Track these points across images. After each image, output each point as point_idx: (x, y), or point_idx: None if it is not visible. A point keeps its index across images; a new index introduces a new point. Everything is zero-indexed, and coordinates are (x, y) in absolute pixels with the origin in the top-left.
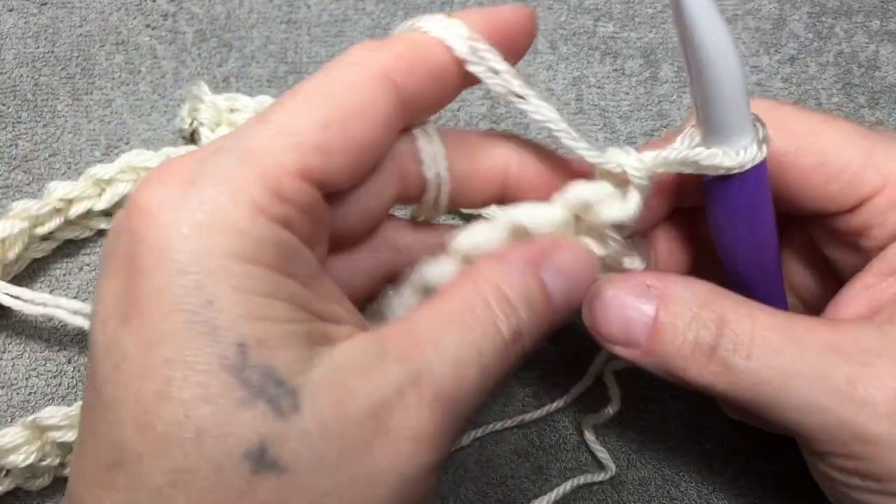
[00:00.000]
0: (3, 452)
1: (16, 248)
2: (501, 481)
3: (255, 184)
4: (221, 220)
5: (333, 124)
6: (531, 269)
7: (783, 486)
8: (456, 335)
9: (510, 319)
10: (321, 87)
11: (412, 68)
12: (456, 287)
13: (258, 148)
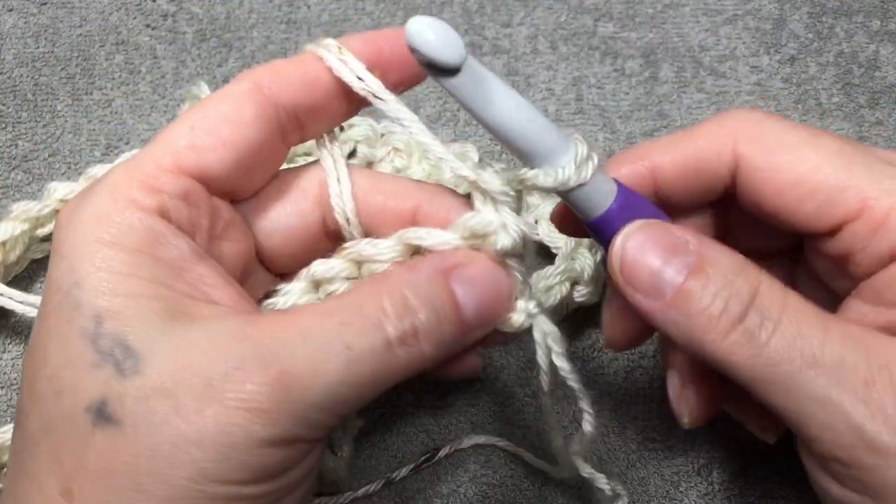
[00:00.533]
0: (4, 449)
1: (17, 249)
2: (501, 482)
3: (131, 184)
4: (97, 214)
5: (200, 127)
6: (440, 277)
7: (783, 487)
8: (326, 327)
9: (403, 321)
10: (200, 105)
11: (281, 78)
12: (356, 288)
13: (139, 157)
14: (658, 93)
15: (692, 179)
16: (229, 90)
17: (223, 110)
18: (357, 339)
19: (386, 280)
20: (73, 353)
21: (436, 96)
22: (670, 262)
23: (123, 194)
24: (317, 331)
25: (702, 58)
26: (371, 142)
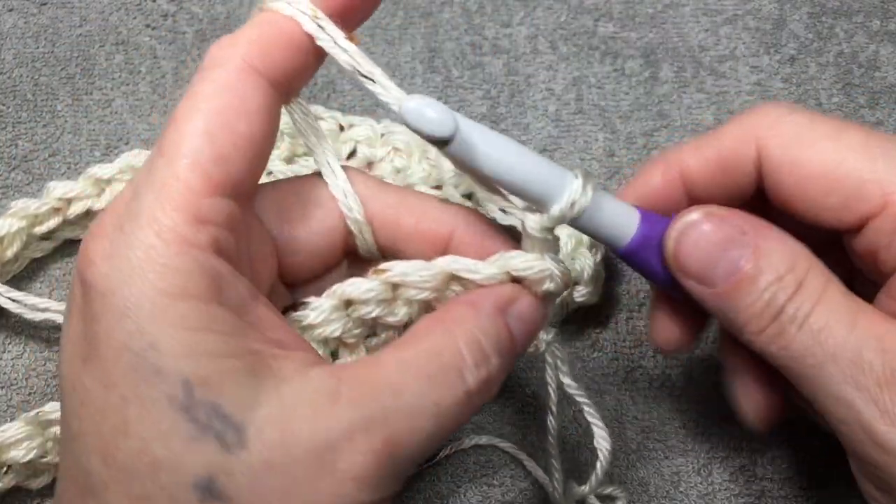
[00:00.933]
0: (4, 448)
1: (14, 246)
2: (501, 482)
3: (174, 216)
4: (152, 260)
5: (217, 130)
6: (500, 315)
7: (783, 487)
8: (418, 384)
9: (480, 369)
10: (195, 101)
11: (269, 51)
12: (427, 329)
13: (166, 181)
14: (658, 93)
15: (721, 180)
16: (221, 75)
17: (229, 103)
18: (444, 396)
19: (456, 323)
20: (166, 426)
21: (436, 96)
22: (725, 255)
23: (171, 231)
24: (408, 389)
25: (702, 58)
26: (371, 142)
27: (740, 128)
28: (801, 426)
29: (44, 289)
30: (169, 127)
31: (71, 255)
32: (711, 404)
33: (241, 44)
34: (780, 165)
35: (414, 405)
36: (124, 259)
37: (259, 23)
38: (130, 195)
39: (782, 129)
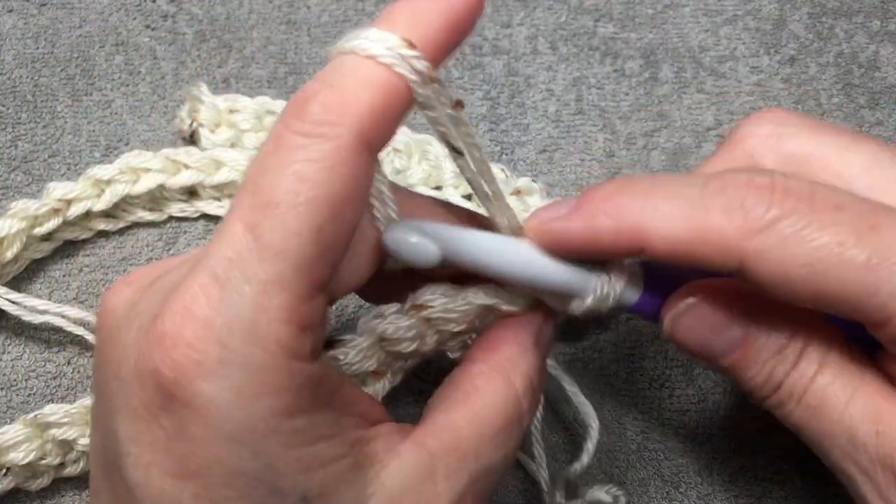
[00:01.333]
0: (3, 450)
1: (13, 247)
2: (501, 482)
3: (282, 330)
4: (261, 381)
5: (327, 224)
6: (539, 348)
7: (783, 487)
8: (492, 443)
9: (532, 409)
10: (301, 184)
11: (382, 123)
12: (488, 380)
13: (267, 286)
14: (658, 93)
15: None
16: (331, 153)
17: (341, 191)
18: (511, 447)
19: (511, 368)
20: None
21: None
22: (721, 337)
23: (279, 346)
24: (485, 451)
25: (702, 58)
26: None
27: (732, 152)
28: None
29: (43, 290)
30: (267, 211)
31: (71, 256)
32: (712, 405)
33: (356, 113)
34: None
35: (492, 463)
36: (232, 380)
37: (373, 83)
38: (217, 293)
39: (778, 149)
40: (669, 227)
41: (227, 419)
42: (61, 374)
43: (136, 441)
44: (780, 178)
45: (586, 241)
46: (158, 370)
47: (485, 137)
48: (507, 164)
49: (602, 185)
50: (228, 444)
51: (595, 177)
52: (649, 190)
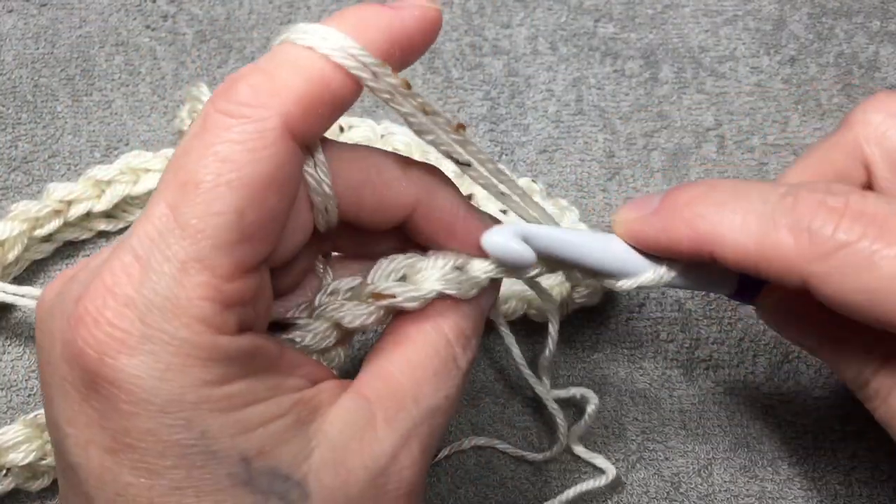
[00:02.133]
0: (3, 450)
1: (15, 249)
2: (501, 483)
3: (202, 304)
4: (186, 355)
5: (247, 207)
6: (476, 299)
7: (783, 487)
8: (430, 385)
9: (467, 353)
10: (223, 165)
11: (314, 114)
12: (416, 327)
13: (187, 265)
14: (658, 93)
15: None
16: (254, 136)
17: (263, 174)
18: (450, 388)
19: (442, 317)
20: (230, 502)
21: (436, 97)
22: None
23: (201, 322)
24: (423, 394)
25: (702, 58)
26: (371, 143)
27: (844, 147)
28: (801, 427)
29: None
30: (187, 190)
31: (71, 256)
32: (711, 405)
33: (283, 98)
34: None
35: (432, 406)
36: (155, 356)
37: (306, 71)
38: (138, 272)
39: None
40: (739, 242)
41: (155, 393)
42: None
43: (72, 422)
44: (855, 199)
45: (662, 243)
46: (83, 350)
47: (485, 138)
48: (507, 165)
49: (686, 188)
50: (159, 416)
51: (595, 177)
52: (727, 201)
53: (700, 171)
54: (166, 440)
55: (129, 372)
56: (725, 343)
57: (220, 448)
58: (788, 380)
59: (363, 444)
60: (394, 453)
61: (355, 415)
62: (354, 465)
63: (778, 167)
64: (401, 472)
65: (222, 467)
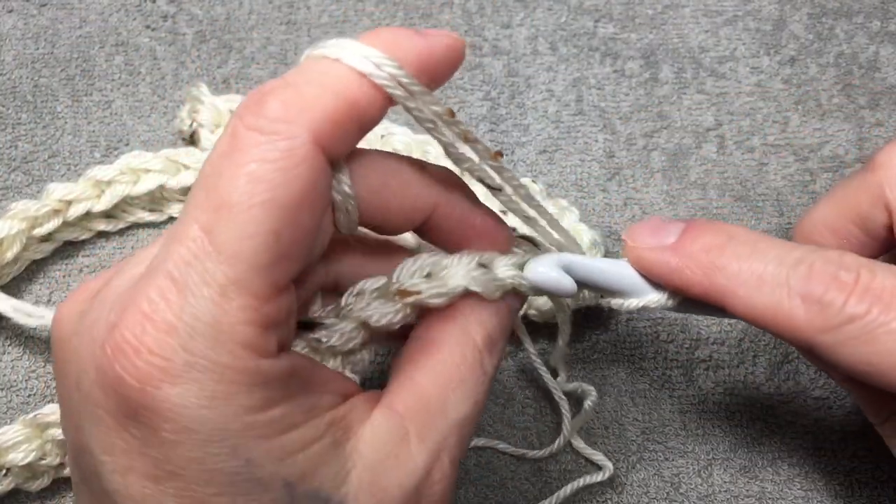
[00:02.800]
0: (3, 450)
1: (14, 248)
2: (501, 483)
3: (245, 330)
4: (229, 381)
5: (283, 228)
6: (503, 302)
7: (783, 488)
8: (457, 394)
9: (493, 356)
10: (256, 185)
11: (341, 127)
12: (445, 332)
13: (227, 288)
14: (658, 94)
15: (858, 240)
16: (286, 154)
17: (297, 194)
18: (477, 393)
19: (468, 319)
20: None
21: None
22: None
23: (243, 346)
24: (451, 403)
25: (702, 59)
26: (371, 143)
27: (867, 190)
28: (801, 427)
29: (43, 290)
30: (221, 213)
31: (70, 256)
32: (712, 406)
33: (314, 114)
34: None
35: (461, 416)
36: (199, 384)
37: (336, 86)
38: (176, 297)
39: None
40: (752, 302)
41: (200, 422)
42: None
43: (109, 450)
44: (865, 274)
45: (675, 283)
46: (122, 379)
47: (485, 138)
48: (507, 165)
49: (706, 232)
50: (203, 445)
51: (595, 177)
52: (745, 256)
53: (700, 172)
54: (212, 469)
55: (174, 402)
56: (725, 343)
57: (264, 475)
58: (788, 380)
59: (398, 463)
60: (427, 469)
61: (388, 433)
62: (390, 484)
63: (778, 167)
64: (433, 487)
65: (267, 494)
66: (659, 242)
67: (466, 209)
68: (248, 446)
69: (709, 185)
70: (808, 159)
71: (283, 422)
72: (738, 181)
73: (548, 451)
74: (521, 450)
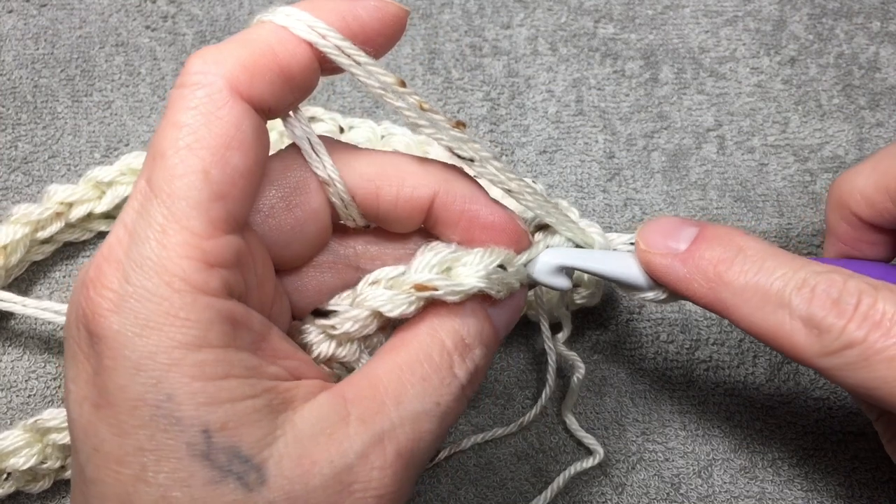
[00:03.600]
0: (4, 455)
1: (18, 252)
2: (501, 484)
3: (183, 263)
4: (165, 312)
5: (212, 168)
6: (481, 310)
7: (783, 488)
8: (416, 389)
9: (466, 363)
10: (181, 133)
11: (257, 75)
12: (414, 332)
13: (166, 225)
14: (658, 94)
15: (889, 209)
16: (204, 102)
17: (221, 135)
18: (442, 395)
19: (439, 321)
20: (185, 473)
21: (436, 97)
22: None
23: (181, 280)
24: (407, 396)
25: (702, 59)
26: (371, 143)
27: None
28: (801, 428)
29: (44, 291)
30: (156, 162)
31: (71, 257)
32: (712, 406)
33: (227, 64)
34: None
35: (417, 410)
36: (136, 312)
37: (252, 39)
38: (127, 239)
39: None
40: (754, 318)
41: (132, 349)
42: (61, 376)
43: (75, 379)
44: (867, 299)
45: (680, 291)
46: (83, 311)
47: (485, 138)
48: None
49: (716, 243)
50: (132, 373)
51: (595, 177)
52: (752, 272)
53: (700, 172)
54: (136, 398)
55: (114, 329)
56: (725, 344)
57: (183, 415)
58: (788, 381)
59: (332, 440)
60: (364, 452)
61: (328, 411)
62: (319, 457)
63: (778, 168)
64: (370, 473)
65: (183, 435)
66: (670, 248)
67: (469, 199)
68: (172, 381)
69: (709, 185)
70: (808, 160)
71: (215, 368)
72: (739, 182)
73: (531, 415)
74: (512, 425)
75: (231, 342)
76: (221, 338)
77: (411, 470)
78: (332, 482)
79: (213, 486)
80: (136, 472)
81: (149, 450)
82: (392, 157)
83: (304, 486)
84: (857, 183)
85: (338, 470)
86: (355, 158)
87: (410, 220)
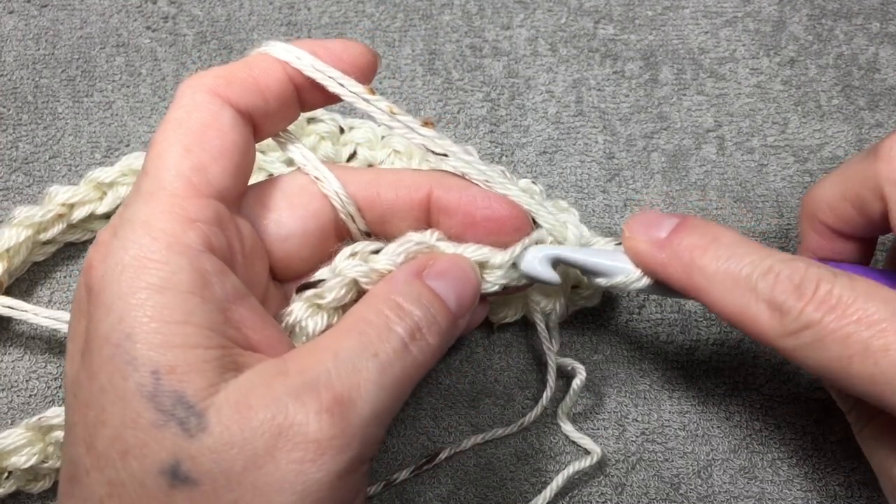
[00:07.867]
0: (5, 454)
1: (20, 255)
2: (501, 484)
3: (163, 217)
4: (141, 257)
5: (193, 145)
6: (415, 278)
7: (783, 488)
8: (352, 341)
9: (404, 320)
10: (170, 125)
11: (236, 85)
12: (354, 308)
13: (153, 191)
14: (658, 95)
15: (855, 219)
16: (189, 100)
17: (200, 121)
18: (379, 345)
19: (375, 293)
20: (133, 413)
21: (436, 98)
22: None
23: (161, 231)
24: (343, 348)
25: (702, 60)
26: (371, 144)
27: (866, 180)
28: (801, 428)
29: (45, 291)
30: (151, 151)
31: (72, 258)
32: (712, 406)
33: (208, 76)
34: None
35: (353, 359)
36: (117, 259)
37: (230, 63)
38: (123, 209)
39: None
40: (724, 302)
41: (108, 290)
42: (62, 376)
43: (73, 338)
44: (824, 285)
45: (659, 276)
46: (83, 270)
47: (485, 139)
48: (507, 166)
49: (694, 231)
50: (105, 313)
51: (595, 178)
52: (724, 258)
53: (700, 173)
54: (102, 337)
55: (100, 275)
56: (725, 345)
57: (138, 355)
58: (788, 381)
59: (269, 389)
60: (299, 396)
61: (268, 367)
62: (256, 404)
63: (777, 168)
64: (306, 417)
65: (136, 375)
66: (651, 236)
67: (463, 188)
68: (132, 320)
69: (708, 186)
70: (807, 160)
71: (173, 312)
72: (738, 182)
73: (532, 416)
74: (512, 426)
75: (198, 292)
76: (189, 285)
77: (354, 419)
78: (269, 427)
79: (156, 430)
80: (97, 413)
81: (108, 390)
82: (387, 168)
83: (241, 432)
84: (824, 193)
85: (275, 415)
86: (353, 171)
87: (411, 217)
